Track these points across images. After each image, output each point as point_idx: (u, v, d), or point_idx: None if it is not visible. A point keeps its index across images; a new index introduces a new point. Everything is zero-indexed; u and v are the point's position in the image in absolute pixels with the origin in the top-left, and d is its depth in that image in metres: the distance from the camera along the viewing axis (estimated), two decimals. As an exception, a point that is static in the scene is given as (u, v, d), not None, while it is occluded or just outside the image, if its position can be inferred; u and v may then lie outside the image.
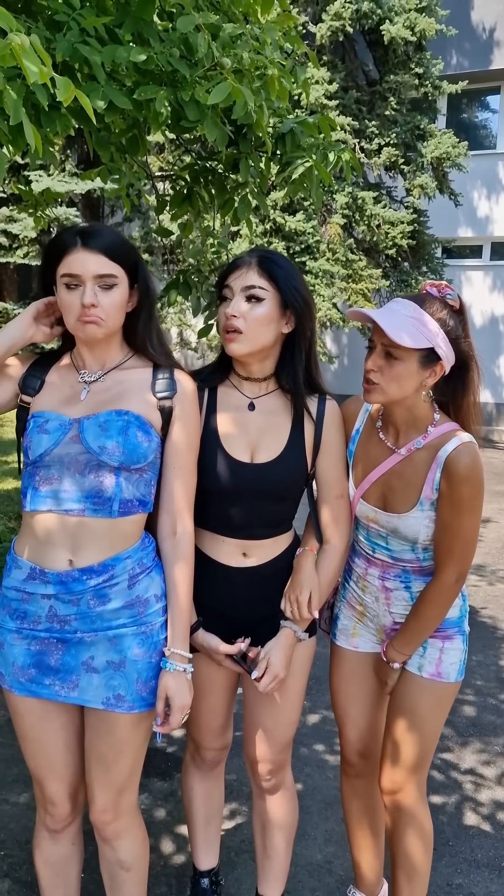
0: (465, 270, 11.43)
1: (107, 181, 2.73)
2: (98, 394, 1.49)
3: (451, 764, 2.69)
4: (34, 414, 1.49)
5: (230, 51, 1.81)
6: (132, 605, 1.47)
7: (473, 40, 10.76)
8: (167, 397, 1.50)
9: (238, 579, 1.64)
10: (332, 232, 8.85)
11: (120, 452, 1.43)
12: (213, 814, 1.90)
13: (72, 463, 1.44)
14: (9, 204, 9.35)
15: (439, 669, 1.66)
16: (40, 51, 1.18)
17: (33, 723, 1.52)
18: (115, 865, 1.61)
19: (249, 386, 1.65)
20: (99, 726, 1.51)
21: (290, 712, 1.72)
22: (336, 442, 1.66)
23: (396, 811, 1.70)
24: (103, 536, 1.45)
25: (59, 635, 1.46)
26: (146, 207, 9.85)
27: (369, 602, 1.75)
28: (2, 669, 1.51)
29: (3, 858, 2.13)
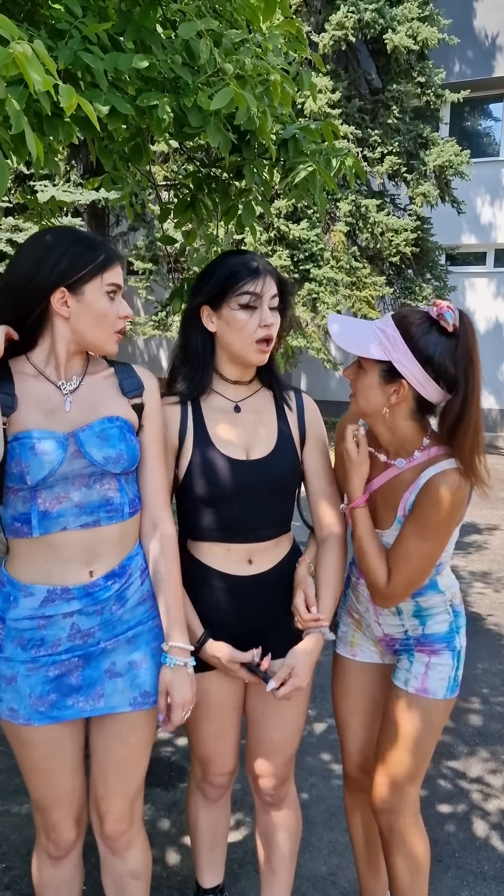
0: (469, 277, 11.43)
1: (110, 190, 2.74)
2: (80, 403, 1.44)
3: (457, 773, 2.66)
4: (19, 434, 1.36)
5: (232, 57, 1.81)
6: (145, 601, 1.50)
7: (476, 49, 10.80)
8: (138, 395, 1.51)
9: (245, 588, 1.61)
10: (336, 240, 8.87)
11: (124, 460, 1.43)
12: (218, 839, 1.87)
13: (76, 478, 1.40)
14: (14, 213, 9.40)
15: (425, 685, 1.62)
16: (45, 57, 1.18)
17: (45, 753, 1.46)
18: (124, 877, 1.58)
19: (235, 389, 1.65)
20: (121, 730, 1.49)
21: (295, 724, 1.70)
22: (319, 434, 1.69)
23: (387, 831, 1.66)
24: (117, 541, 1.45)
25: (81, 652, 1.43)
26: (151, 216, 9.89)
27: (362, 611, 1.74)
28: (13, 705, 1.42)
29: (4, 871, 2.11)
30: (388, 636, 1.70)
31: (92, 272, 1.38)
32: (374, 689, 1.76)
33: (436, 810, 2.44)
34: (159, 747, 2.75)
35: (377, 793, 1.66)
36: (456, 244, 11.03)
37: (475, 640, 3.81)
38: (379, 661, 1.76)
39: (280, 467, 1.61)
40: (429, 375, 1.45)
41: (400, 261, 9.04)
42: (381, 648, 1.74)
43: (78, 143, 2.09)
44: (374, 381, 1.49)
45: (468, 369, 1.43)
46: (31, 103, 1.53)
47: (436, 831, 2.33)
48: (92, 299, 1.39)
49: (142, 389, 1.51)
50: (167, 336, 10.72)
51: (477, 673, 3.44)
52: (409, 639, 1.67)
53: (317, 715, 3.00)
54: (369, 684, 1.76)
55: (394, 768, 1.64)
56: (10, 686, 1.43)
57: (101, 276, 1.39)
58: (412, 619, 1.66)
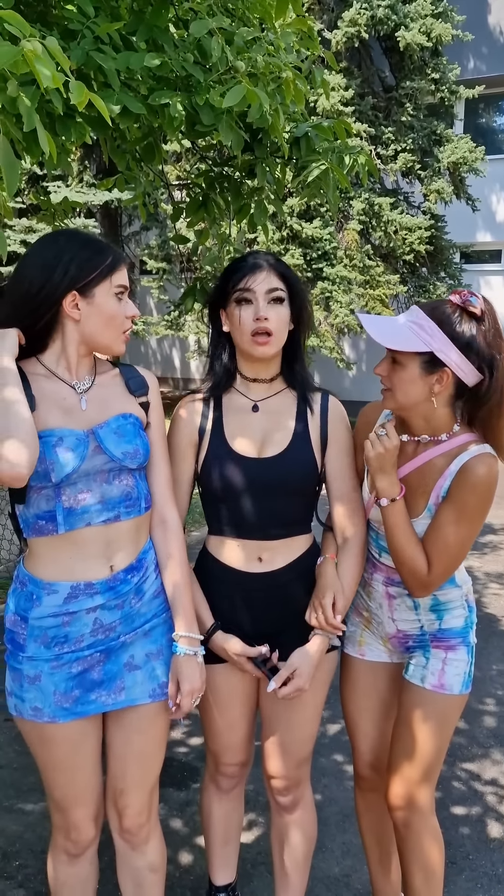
0: (484, 275, 11.35)
1: (123, 190, 2.74)
2: (95, 402, 1.48)
3: (472, 775, 2.64)
4: (42, 433, 1.39)
5: (245, 55, 1.80)
6: (159, 594, 1.54)
7: (490, 45, 10.72)
8: (144, 394, 1.56)
9: (255, 585, 1.62)
10: (349, 238, 8.84)
11: (140, 455, 1.48)
12: (231, 835, 1.87)
13: (97, 474, 1.44)
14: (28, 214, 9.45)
15: (442, 681, 1.63)
16: (58, 54, 1.18)
17: (69, 750, 1.48)
18: (143, 870, 1.61)
19: (256, 388, 1.66)
20: (140, 722, 1.52)
21: (307, 727, 1.69)
22: (342, 436, 1.66)
23: (403, 828, 1.66)
24: (133, 535, 1.50)
25: (103, 647, 1.47)
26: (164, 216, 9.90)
27: (374, 608, 1.73)
28: (37, 704, 1.45)
29: (18, 868, 2.12)
30: (402, 632, 1.69)
31: (101, 275, 1.42)
32: (383, 688, 1.76)
33: (450, 812, 2.42)
34: (173, 747, 2.76)
35: (394, 791, 1.66)
36: (470, 242, 10.94)
37: (490, 642, 3.78)
38: (388, 660, 1.75)
39: (290, 467, 1.60)
40: (468, 360, 1.48)
41: (414, 259, 9.00)
42: (391, 647, 1.74)
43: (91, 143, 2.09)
44: (415, 373, 1.50)
45: (500, 348, 1.49)
46: (43, 104, 1.54)
47: (450, 833, 2.31)
48: (102, 301, 1.42)
49: (147, 388, 1.57)
50: (179, 336, 10.74)
51: (492, 675, 3.41)
52: (425, 634, 1.67)
53: (330, 716, 2.99)
54: (378, 683, 1.76)
55: (410, 766, 1.63)
56: (34, 685, 1.45)
57: (110, 279, 1.43)
58: (429, 613, 1.66)
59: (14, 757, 2.67)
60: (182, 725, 2.91)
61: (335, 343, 9.24)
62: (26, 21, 1.18)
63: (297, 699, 1.62)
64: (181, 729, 2.90)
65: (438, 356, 1.48)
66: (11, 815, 2.35)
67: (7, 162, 1.27)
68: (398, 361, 1.51)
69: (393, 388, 1.53)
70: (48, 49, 1.17)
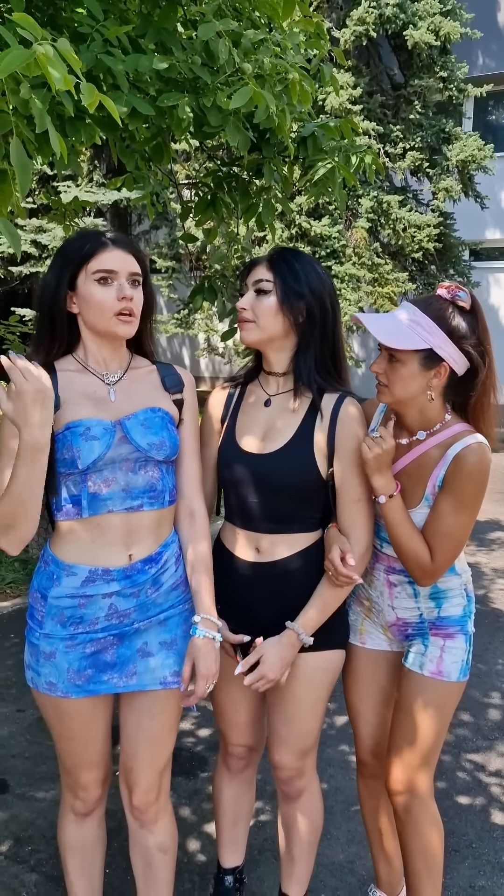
0: (494, 273, 11.32)
1: (132, 190, 2.78)
2: (125, 394, 1.54)
3: (477, 766, 2.66)
4: (70, 424, 1.46)
5: (251, 56, 1.84)
6: (178, 586, 1.59)
7: (500, 42, 10.68)
8: (179, 391, 1.61)
9: (250, 573, 1.66)
10: (358, 236, 8.84)
11: (166, 447, 1.53)
12: (241, 816, 1.91)
13: (123, 463, 1.49)
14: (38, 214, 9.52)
15: (440, 668, 1.66)
16: (70, 56, 1.21)
17: (82, 723, 1.56)
18: (152, 850, 1.65)
19: (272, 381, 1.69)
20: (151, 707, 1.56)
21: (304, 722, 1.70)
22: (352, 443, 1.61)
23: (403, 813, 1.69)
24: (155, 527, 1.54)
25: (116, 631, 1.52)
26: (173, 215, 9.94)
27: (375, 597, 1.76)
28: (52, 679, 1.51)
29: (30, 854, 2.17)
30: (402, 620, 1.72)
31: (77, 265, 1.48)
32: (383, 676, 1.79)
33: (454, 801, 2.45)
34: (182, 737, 2.80)
35: (393, 776, 1.69)
36: (479, 239, 10.90)
37: (497, 637, 3.80)
38: (388, 649, 1.79)
39: (282, 467, 1.60)
40: (461, 353, 1.56)
41: (423, 257, 8.98)
42: (391, 635, 1.77)
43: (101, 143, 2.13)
44: (415, 369, 1.55)
45: (488, 340, 1.58)
46: (53, 106, 1.58)
47: (454, 822, 2.34)
48: (84, 290, 1.48)
49: (182, 386, 1.63)
50: (189, 334, 10.77)
51: (498, 669, 3.43)
52: (424, 622, 1.70)
53: (337, 708, 3.02)
54: (379, 671, 1.79)
55: (410, 752, 1.66)
56: (49, 661, 1.51)
57: (86, 267, 1.48)
58: (429, 601, 1.69)
59: (26, 746, 2.72)
60: (193, 713, 2.96)
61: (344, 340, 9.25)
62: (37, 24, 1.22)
63: (288, 692, 1.66)
64: (191, 719, 2.94)
65: (437, 352, 1.54)
66: (24, 801, 2.40)
67: (20, 162, 1.31)
68: (397, 358, 1.56)
69: (390, 384, 1.58)
70: (59, 52, 1.20)
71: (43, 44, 1.19)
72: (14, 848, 2.19)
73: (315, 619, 1.61)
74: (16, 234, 1.38)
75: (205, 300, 2.88)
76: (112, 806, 2.17)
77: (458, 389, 1.61)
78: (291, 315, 1.60)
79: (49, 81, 1.19)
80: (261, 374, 1.73)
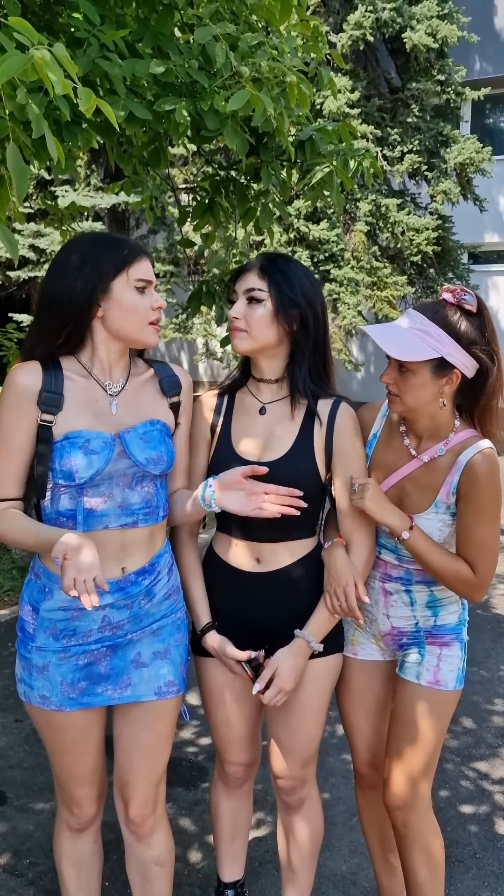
0: (492, 276, 11.32)
1: (130, 194, 2.76)
2: (126, 405, 1.51)
3: (481, 774, 2.64)
4: (69, 434, 1.43)
5: (249, 60, 1.82)
6: (170, 595, 1.58)
7: (497, 46, 10.70)
8: (176, 394, 1.59)
9: (252, 584, 1.63)
10: (356, 240, 8.83)
11: (163, 461, 1.51)
12: (239, 830, 1.89)
13: (120, 478, 1.46)
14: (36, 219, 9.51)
15: (437, 677, 1.64)
16: (66, 61, 1.20)
17: (75, 736, 1.53)
18: (149, 864, 1.63)
19: (265, 388, 1.67)
20: (146, 718, 1.55)
21: (308, 729, 1.68)
22: (350, 446, 1.62)
23: (402, 827, 1.66)
24: (148, 541, 1.53)
25: (110, 643, 1.50)
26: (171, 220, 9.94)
27: (368, 606, 1.74)
28: (45, 692, 1.49)
29: (29, 867, 2.14)
30: (397, 629, 1.71)
31: (116, 269, 1.43)
32: (377, 686, 1.77)
33: (457, 811, 2.43)
34: (182, 747, 2.77)
35: (392, 790, 1.66)
36: (478, 242, 10.91)
37: (499, 643, 3.77)
38: (381, 659, 1.77)
39: (286, 475, 1.58)
40: (471, 357, 1.54)
41: (421, 260, 8.98)
42: (383, 645, 1.75)
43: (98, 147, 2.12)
44: (426, 378, 1.53)
45: (496, 341, 1.56)
46: (50, 111, 1.56)
47: (457, 832, 2.32)
48: (120, 294, 1.44)
49: (179, 388, 1.60)
50: (188, 339, 10.76)
51: (500, 675, 3.41)
52: (420, 631, 1.68)
53: (338, 716, 2.99)
54: (372, 681, 1.77)
55: (408, 764, 1.64)
56: (42, 675, 1.49)
57: (127, 272, 1.44)
58: (425, 609, 1.68)
59: (24, 757, 2.69)
60: (193, 722, 2.93)
61: (343, 345, 9.24)
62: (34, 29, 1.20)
63: (294, 701, 1.64)
64: (191, 729, 2.91)
65: (448, 360, 1.52)
66: (23, 814, 2.37)
67: (16, 167, 1.29)
68: (407, 368, 1.54)
69: (402, 394, 1.56)
70: (56, 56, 1.19)
71: (40, 48, 1.17)
72: (12, 861, 2.16)
73: (325, 626, 1.61)
74: (13, 240, 1.37)
75: (203, 304, 2.87)
76: (111, 818, 2.14)
77: (467, 393, 1.60)
78: (286, 324, 1.59)
79: (47, 86, 1.18)
80: (250, 382, 1.70)
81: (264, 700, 1.57)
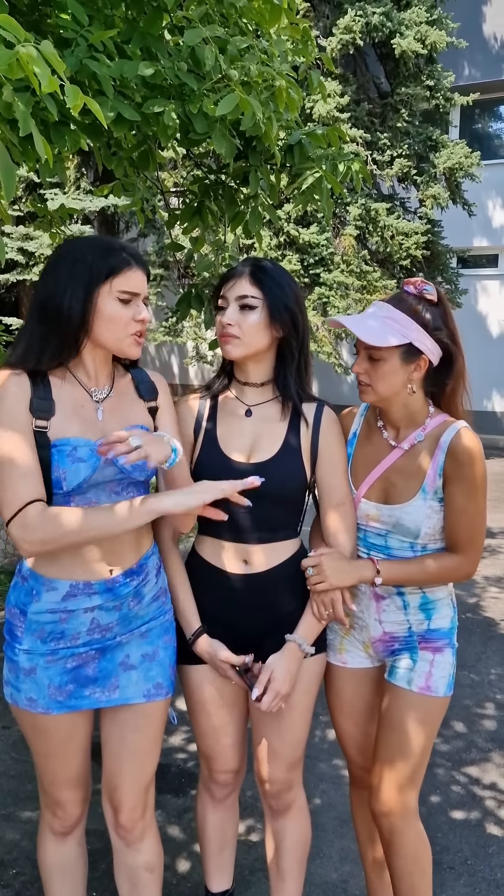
0: (481, 280, 11.38)
1: (120, 196, 2.75)
2: (110, 412, 1.50)
3: (472, 779, 2.63)
4: (58, 442, 1.42)
5: (238, 63, 1.81)
6: (158, 597, 1.58)
7: (485, 52, 10.78)
8: (153, 398, 1.58)
9: (239, 587, 1.63)
10: (346, 244, 8.86)
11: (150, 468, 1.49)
12: (227, 841, 1.87)
13: (107, 485, 1.46)
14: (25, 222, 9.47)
15: (429, 683, 1.64)
16: (53, 58, 1.18)
17: (62, 740, 1.52)
18: (138, 869, 1.61)
19: (249, 391, 1.68)
20: (136, 721, 1.54)
21: (296, 731, 1.68)
22: (334, 448, 1.66)
23: (389, 833, 1.65)
24: (135, 541, 1.53)
25: (98, 645, 1.49)
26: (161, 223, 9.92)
27: (357, 612, 1.73)
28: (32, 695, 1.48)
29: (14, 877, 2.11)
30: (389, 635, 1.70)
31: (100, 279, 1.41)
32: (366, 693, 1.77)
33: (448, 817, 2.42)
34: (171, 754, 2.75)
35: (380, 797, 1.65)
36: (467, 247, 10.97)
37: (489, 646, 3.78)
38: (369, 665, 1.76)
39: (277, 476, 1.59)
40: (436, 344, 1.60)
41: (410, 264, 9.01)
42: (372, 652, 1.74)
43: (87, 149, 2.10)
44: (396, 365, 1.58)
45: (456, 329, 1.64)
46: (37, 112, 1.55)
47: (448, 838, 2.31)
48: (102, 305, 1.42)
49: (156, 393, 1.59)
50: (178, 342, 10.74)
51: (491, 679, 3.41)
52: (413, 635, 1.68)
53: (328, 722, 2.98)
54: (361, 688, 1.76)
55: (397, 771, 1.63)
56: (30, 677, 1.48)
57: (110, 283, 1.42)
58: (418, 612, 1.68)
59: (11, 764, 2.66)
60: (182, 728, 2.91)
61: (333, 348, 9.25)
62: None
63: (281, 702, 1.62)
64: (179, 735, 2.89)
65: (416, 345, 1.58)
66: (9, 823, 2.34)
67: (4, 167, 1.28)
68: (377, 357, 1.58)
69: (373, 382, 1.61)
70: (43, 53, 1.17)
71: (26, 45, 1.16)
72: (-2, 871, 2.13)
73: (314, 630, 1.63)
74: (1, 243, 1.35)
75: (192, 308, 2.85)
76: (99, 826, 2.11)
77: (436, 380, 1.66)
78: (279, 329, 1.61)
79: (32, 83, 1.16)
80: (234, 385, 1.70)
81: (262, 706, 1.55)
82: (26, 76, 1.18)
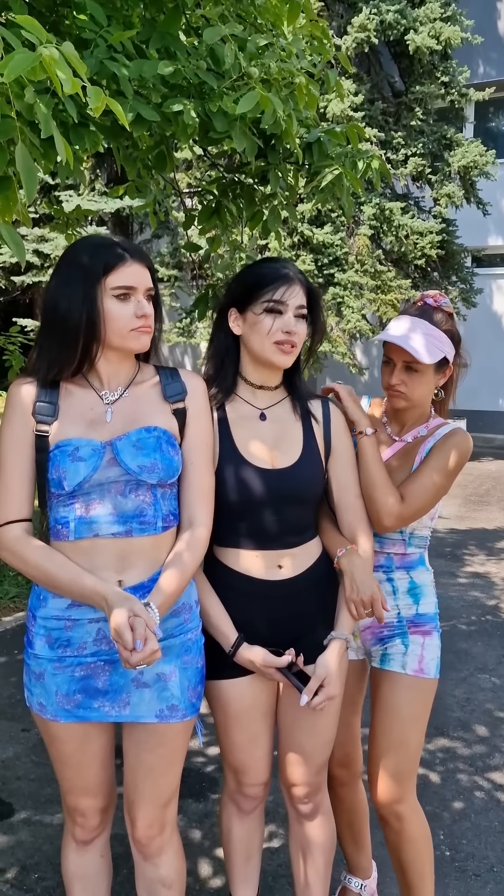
0: (496, 279, 11.30)
1: (134, 198, 2.74)
2: (122, 413, 1.47)
3: (496, 785, 2.59)
4: (60, 443, 1.41)
5: (257, 61, 1.80)
6: (178, 613, 1.50)
7: (500, 48, 10.69)
8: (180, 400, 1.51)
9: (276, 593, 1.61)
10: (360, 243, 8.82)
11: (159, 469, 1.44)
12: (252, 852, 1.83)
13: (112, 486, 1.42)
14: (40, 223, 9.51)
15: (421, 665, 1.71)
16: (74, 60, 1.17)
17: (74, 748, 1.50)
18: (155, 883, 1.58)
19: (262, 395, 1.66)
20: (149, 740, 1.50)
21: (330, 731, 1.68)
22: (345, 443, 1.69)
23: (398, 821, 1.70)
24: (149, 553, 1.46)
25: (107, 657, 1.45)
26: (174, 224, 9.94)
27: None
28: (42, 700, 1.47)
29: (36, 881, 2.11)
30: (377, 624, 1.76)
31: (94, 280, 1.40)
32: (351, 686, 1.80)
33: (473, 823, 2.38)
34: (191, 758, 2.73)
35: (384, 784, 1.69)
36: (482, 246, 10.90)
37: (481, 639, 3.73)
38: (354, 658, 1.80)
39: (304, 477, 1.60)
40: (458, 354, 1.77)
41: (425, 263, 8.96)
42: (360, 642, 1.80)
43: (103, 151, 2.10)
44: (430, 375, 1.72)
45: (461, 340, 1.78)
46: (57, 113, 1.54)
47: (473, 845, 2.27)
48: (99, 305, 1.41)
49: (184, 394, 1.52)
50: (191, 343, 10.75)
51: (496, 669, 3.37)
52: (402, 621, 1.75)
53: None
54: (347, 682, 1.75)
55: (398, 756, 1.68)
56: (39, 682, 1.48)
57: (104, 281, 1.40)
58: (407, 597, 1.76)
59: (32, 767, 2.66)
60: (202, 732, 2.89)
61: (347, 348, 9.21)
62: (41, 29, 1.18)
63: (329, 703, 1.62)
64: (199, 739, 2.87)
65: (448, 357, 1.72)
66: (30, 827, 2.34)
67: (26, 168, 1.27)
68: (417, 369, 1.69)
69: (410, 391, 1.72)
70: (64, 55, 1.16)
71: (48, 47, 1.15)
72: (20, 875, 2.13)
73: (352, 627, 1.64)
74: (20, 243, 1.34)
75: (209, 308, 2.84)
76: (122, 830, 2.10)
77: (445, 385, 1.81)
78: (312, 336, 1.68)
79: (55, 85, 1.15)
80: (241, 388, 1.66)
81: (313, 705, 1.53)
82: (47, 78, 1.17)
